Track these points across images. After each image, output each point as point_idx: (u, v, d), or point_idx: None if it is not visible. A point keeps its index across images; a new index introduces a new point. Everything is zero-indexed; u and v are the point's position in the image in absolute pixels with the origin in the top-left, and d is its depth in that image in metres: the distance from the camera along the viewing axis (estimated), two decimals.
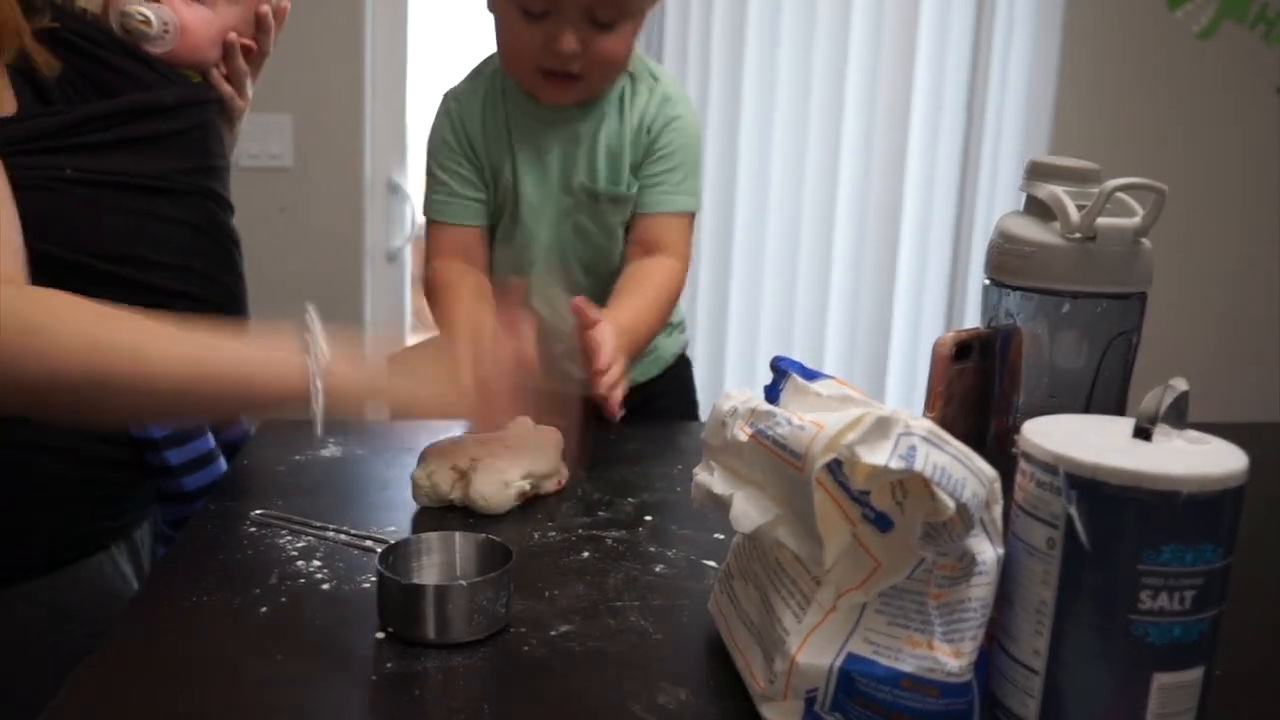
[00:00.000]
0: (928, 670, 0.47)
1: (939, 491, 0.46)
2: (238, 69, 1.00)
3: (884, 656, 0.48)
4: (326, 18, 2.17)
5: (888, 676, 0.48)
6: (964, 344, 0.66)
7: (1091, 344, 0.63)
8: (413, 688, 0.55)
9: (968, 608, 0.48)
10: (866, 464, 0.47)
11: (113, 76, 0.89)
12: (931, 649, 0.48)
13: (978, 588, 0.48)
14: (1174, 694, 0.46)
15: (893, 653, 0.48)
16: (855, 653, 0.49)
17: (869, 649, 0.49)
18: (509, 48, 1.01)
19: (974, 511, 0.46)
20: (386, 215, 2.36)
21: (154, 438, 0.91)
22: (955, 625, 0.48)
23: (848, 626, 0.50)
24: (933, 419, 0.65)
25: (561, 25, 0.95)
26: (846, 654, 0.49)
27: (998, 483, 0.48)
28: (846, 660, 0.49)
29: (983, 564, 0.48)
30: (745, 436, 0.54)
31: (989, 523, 0.48)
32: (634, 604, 0.65)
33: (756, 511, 0.53)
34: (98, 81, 0.88)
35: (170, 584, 0.66)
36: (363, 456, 0.92)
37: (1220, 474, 0.44)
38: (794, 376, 0.56)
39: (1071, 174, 0.64)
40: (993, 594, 0.48)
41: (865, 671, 0.49)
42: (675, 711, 0.53)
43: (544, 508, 0.82)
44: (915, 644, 0.48)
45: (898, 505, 0.49)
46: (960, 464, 0.47)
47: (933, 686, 0.47)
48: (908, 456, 0.46)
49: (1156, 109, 2.47)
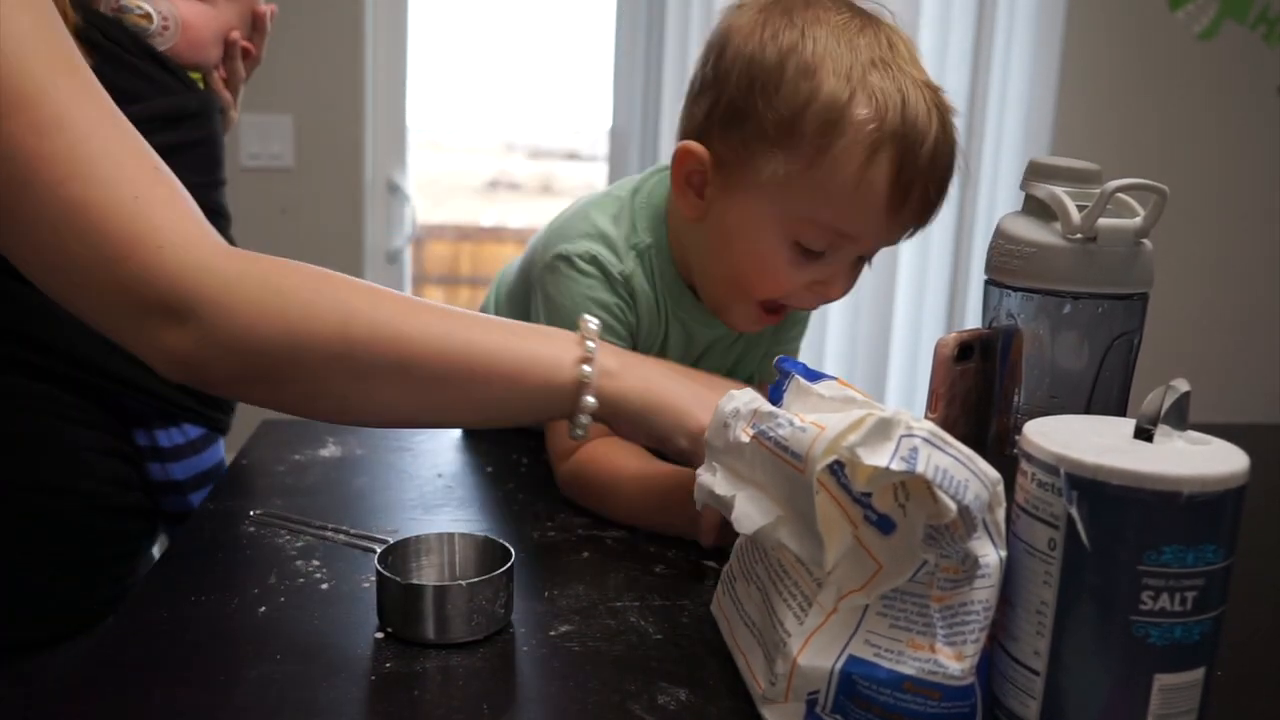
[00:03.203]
0: (929, 673, 0.47)
1: (940, 494, 0.45)
2: (236, 71, 0.97)
3: (885, 659, 0.48)
4: (326, 18, 2.17)
5: (889, 679, 0.48)
6: (966, 344, 0.66)
7: (1092, 345, 0.63)
8: (412, 688, 0.55)
9: (970, 610, 0.48)
10: (868, 466, 0.46)
11: (135, 80, 0.87)
12: (934, 652, 0.47)
13: (980, 590, 0.48)
14: (1175, 695, 0.46)
15: (894, 655, 0.48)
16: (857, 655, 0.49)
17: (870, 651, 0.49)
18: (752, 277, 0.83)
19: (976, 514, 0.46)
20: (386, 215, 2.36)
21: (177, 479, 0.91)
22: (957, 628, 0.48)
23: (849, 629, 0.50)
24: (934, 420, 0.65)
25: (839, 267, 0.82)
26: (848, 656, 0.49)
27: (1001, 485, 0.48)
28: (848, 662, 0.49)
29: (986, 566, 0.47)
30: (747, 438, 0.53)
31: (992, 525, 0.48)
32: (634, 604, 0.65)
33: (758, 513, 0.53)
34: (118, 84, 0.87)
35: (169, 583, 0.66)
36: (363, 456, 0.92)
37: (1221, 475, 0.44)
38: (797, 377, 0.56)
39: (1072, 174, 0.64)
40: (995, 597, 0.48)
41: (866, 674, 0.48)
42: (675, 711, 0.53)
43: (544, 507, 0.82)
44: (917, 646, 0.48)
45: (900, 507, 0.48)
46: (963, 466, 0.47)
47: (935, 689, 0.47)
48: (909, 458, 0.46)
49: (1157, 109, 2.47)
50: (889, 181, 0.76)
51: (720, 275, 0.85)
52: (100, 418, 0.87)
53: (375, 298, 0.64)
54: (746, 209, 0.80)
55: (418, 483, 0.87)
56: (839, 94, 0.75)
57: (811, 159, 0.76)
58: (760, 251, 0.81)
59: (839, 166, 0.76)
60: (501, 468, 0.91)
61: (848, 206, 0.77)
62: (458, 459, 0.93)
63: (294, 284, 0.62)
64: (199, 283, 0.59)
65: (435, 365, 0.64)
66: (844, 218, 0.78)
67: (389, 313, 0.63)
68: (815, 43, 0.77)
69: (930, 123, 0.76)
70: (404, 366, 0.63)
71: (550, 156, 4.21)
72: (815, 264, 0.81)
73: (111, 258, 0.58)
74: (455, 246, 4.03)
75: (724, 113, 0.80)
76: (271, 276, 0.62)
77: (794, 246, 0.80)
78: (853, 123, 0.75)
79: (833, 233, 0.79)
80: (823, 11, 0.79)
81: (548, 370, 0.67)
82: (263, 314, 0.60)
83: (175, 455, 0.93)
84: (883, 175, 0.76)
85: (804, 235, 0.79)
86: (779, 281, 0.82)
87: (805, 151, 0.76)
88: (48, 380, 0.84)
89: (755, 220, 0.80)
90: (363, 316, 0.62)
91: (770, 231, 0.80)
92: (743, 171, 0.79)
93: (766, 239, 0.80)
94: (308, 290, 0.62)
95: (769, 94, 0.77)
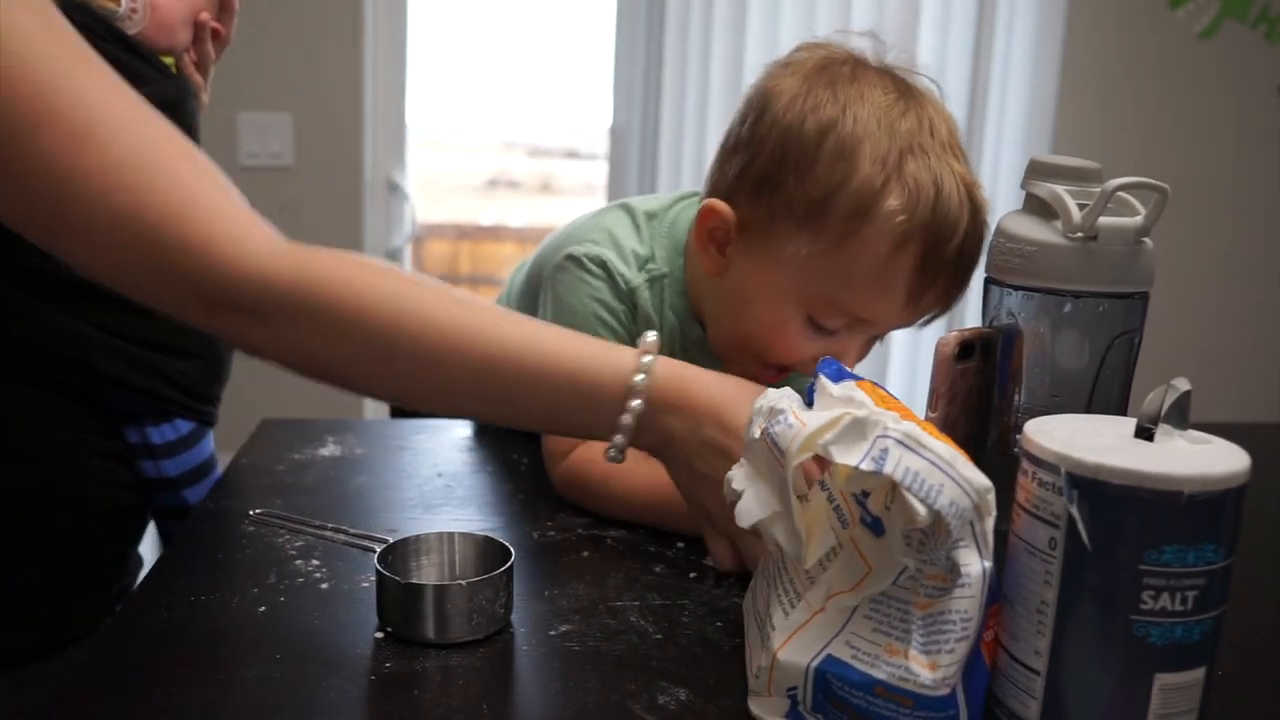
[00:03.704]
0: (900, 679, 0.47)
1: (910, 497, 0.45)
2: (206, 54, 0.94)
3: (861, 662, 0.48)
4: (326, 17, 2.17)
5: (861, 682, 0.48)
6: (967, 343, 0.66)
7: (1093, 344, 0.63)
8: (412, 687, 0.55)
9: (948, 620, 0.47)
10: (840, 464, 0.47)
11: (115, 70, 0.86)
12: (907, 658, 0.47)
13: (960, 600, 0.47)
14: (1175, 694, 0.46)
15: (870, 659, 0.48)
16: (834, 655, 0.49)
17: (849, 653, 0.49)
18: (764, 342, 0.82)
19: (951, 520, 0.45)
20: (386, 214, 2.36)
21: (169, 476, 0.91)
22: (934, 637, 0.47)
23: (834, 629, 0.50)
24: (934, 419, 0.65)
25: (853, 342, 0.81)
26: (825, 655, 0.49)
27: (991, 494, 0.47)
28: (824, 661, 0.49)
29: (967, 576, 0.46)
30: (758, 434, 0.54)
31: (980, 535, 0.47)
32: (634, 604, 0.65)
33: (758, 507, 0.53)
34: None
35: (168, 583, 0.66)
36: (362, 456, 0.92)
37: (1222, 474, 0.44)
38: (822, 378, 0.56)
39: (1073, 173, 0.64)
40: (977, 608, 0.47)
41: (840, 675, 0.48)
42: (675, 711, 0.53)
43: (544, 507, 0.82)
44: (893, 652, 0.47)
45: (887, 510, 0.48)
46: (939, 470, 0.46)
47: (906, 696, 0.47)
48: (880, 459, 0.46)
49: (1158, 108, 2.47)
50: (913, 272, 0.75)
51: (732, 333, 0.84)
52: (87, 418, 0.87)
53: (425, 295, 0.65)
54: (766, 278, 0.79)
55: (418, 482, 0.87)
56: (873, 181, 0.74)
57: (836, 243, 0.75)
58: (775, 320, 0.80)
59: (864, 253, 0.75)
60: (501, 468, 0.91)
61: (868, 293, 0.77)
62: (458, 459, 0.93)
63: (354, 274, 0.63)
64: (259, 285, 0.61)
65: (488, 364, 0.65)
66: (863, 303, 0.77)
67: (432, 309, 0.65)
68: (855, 123, 0.75)
69: (961, 217, 0.75)
70: (459, 363, 0.64)
71: (550, 155, 4.21)
72: (828, 338, 0.80)
73: (171, 260, 0.59)
74: (455, 245, 4.03)
75: (755, 178, 0.78)
76: (323, 283, 0.63)
77: (808, 320, 0.79)
78: (883, 212, 0.73)
79: (850, 315, 0.78)
80: (867, 88, 0.77)
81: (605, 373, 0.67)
82: (315, 324, 0.62)
83: (168, 451, 0.92)
84: (907, 266, 0.75)
85: (820, 313, 0.78)
86: (790, 351, 0.81)
87: (831, 235, 0.75)
88: (28, 383, 0.83)
89: (773, 290, 0.79)
90: (411, 320, 0.64)
91: (787, 304, 0.79)
92: (766, 241, 0.79)
93: (782, 310, 0.79)
94: (368, 278, 0.64)
95: (802, 171, 0.75)
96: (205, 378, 0.95)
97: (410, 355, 0.64)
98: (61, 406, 0.85)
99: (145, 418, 0.91)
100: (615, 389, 0.66)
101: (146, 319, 0.89)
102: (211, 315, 0.62)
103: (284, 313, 0.62)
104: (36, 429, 0.84)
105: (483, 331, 0.65)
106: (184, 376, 0.92)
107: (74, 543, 0.85)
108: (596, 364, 0.67)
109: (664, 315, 0.88)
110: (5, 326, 0.83)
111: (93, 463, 0.86)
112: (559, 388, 0.66)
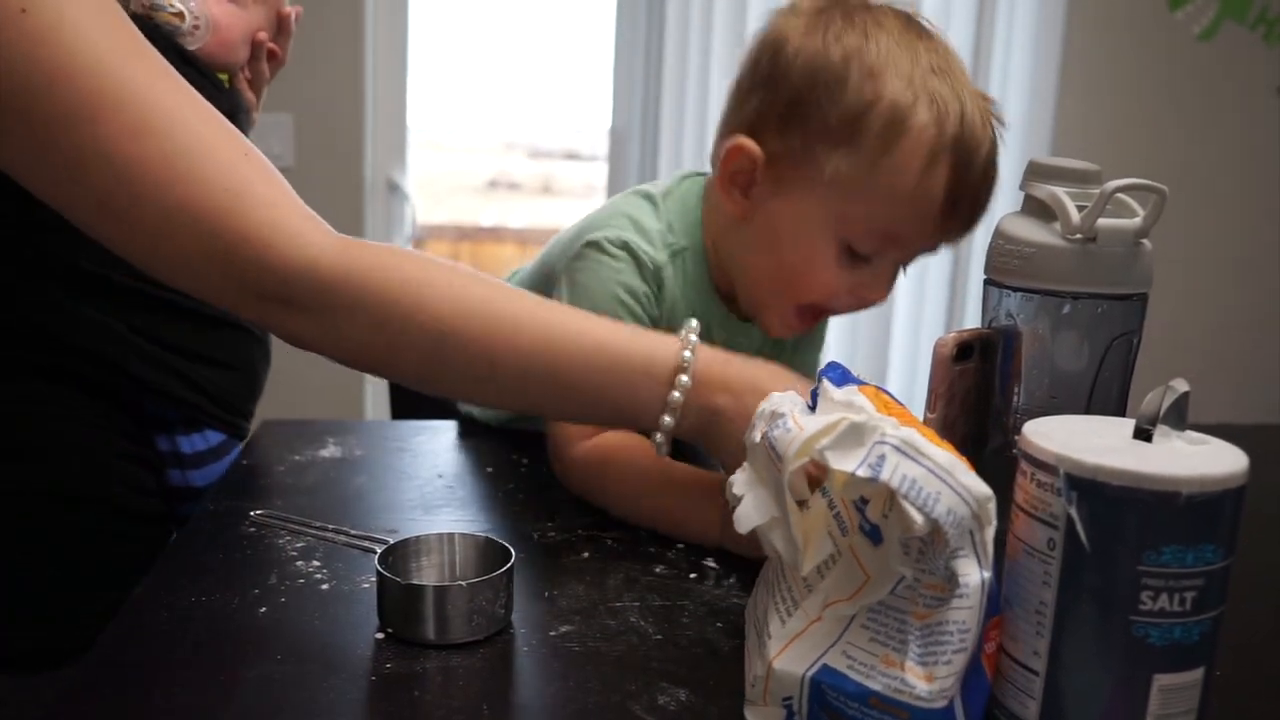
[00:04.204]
0: (895, 690, 0.46)
1: (906, 504, 0.45)
2: (261, 73, 0.96)
3: (856, 672, 0.47)
4: (326, 18, 2.17)
5: (856, 693, 0.47)
6: (965, 344, 0.66)
7: (1092, 345, 0.63)
8: (412, 688, 0.55)
9: (945, 631, 0.46)
10: (836, 470, 0.46)
11: None
12: (903, 669, 0.46)
13: (957, 611, 0.46)
14: (1174, 695, 0.46)
15: (866, 669, 0.47)
16: (830, 665, 0.48)
17: (845, 663, 0.48)
18: (798, 278, 0.82)
19: (949, 529, 0.45)
20: (386, 215, 2.36)
21: (196, 486, 0.91)
22: (931, 648, 0.46)
23: (830, 638, 0.49)
24: (933, 420, 0.65)
25: (881, 272, 0.83)
26: (821, 665, 0.49)
27: (991, 503, 0.46)
28: (820, 671, 0.48)
29: (965, 587, 0.46)
30: (758, 438, 0.54)
31: (979, 544, 0.46)
32: (634, 604, 0.65)
33: (757, 513, 0.53)
34: None
35: (169, 583, 0.66)
36: (363, 457, 0.92)
37: (1221, 475, 0.44)
38: (824, 382, 0.56)
39: (1072, 174, 0.64)
40: (975, 619, 0.46)
41: (835, 685, 0.48)
42: (675, 711, 0.53)
43: (544, 507, 0.82)
44: (890, 663, 0.47)
45: (885, 518, 0.48)
46: (936, 478, 0.45)
47: (901, 708, 0.46)
48: (876, 466, 0.45)
49: (1157, 109, 2.47)
50: (945, 187, 0.77)
51: (763, 275, 0.85)
52: (119, 421, 0.87)
53: (473, 285, 0.66)
54: (799, 208, 0.81)
55: (418, 483, 0.87)
56: (903, 97, 0.76)
57: (874, 160, 0.77)
58: (809, 252, 0.81)
59: (900, 169, 0.77)
60: (501, 468, 0.91)
61: (904, 210, 0.78)
62: (458, 459, 0.93)
63: (400, 280, 0.64)
64: (312, 278, 0.62)
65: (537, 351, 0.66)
66: (898, 221, 0.79)
67: (483, 298, 0.66)
68: (879, 46, 0.78)
69: (985, 135, 0.78)
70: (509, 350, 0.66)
71: (550, 156, 4.20)
72: (860, 268, 0.81)
73: (225, 251, 0.60)
74: (455, 246, 4.03)
75: (783, 110, 0.80)
76: (375, 275, 0.63)
77: (842, 248, 0.80)
78: (915, 126, 0.76)
79: (883, 236, 0.80)
80: (883, 17, 0.80)
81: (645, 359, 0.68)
82: (369, 315, 0.63)
83: (196, 462, 0.92)
84: (940, 181, 0.77)
85: (855, 237, 0.80)
86: (825, 283, 0.82)
87: (868, 152, 0.77)
88: (63, 383, 0.84)
89: (807, 220, 0.80)
90: (462, 311, 0.65)
91: (821, 232, 0.80)
92: (799, 169, 0.80)
93: (817, 239, 0.80)
94: (413, 277, 0.64)
95: (833, 92, 0.77)
96: (239, 390, 0.96)
97: (461, 345, 0.65)
98: (87, 405, 0.85)
99: (177, 426, 0.91)
100: (663, 368, 0.68)
101: (185, 327, 0.89)
102: (260, 305, 0.63)
103: (336, 305, 0.63)
104: (60, 428, 0.84)
105: (531, 318, 0.67)
106: (217, 387, 0.93)
107: (82, 542, 0.85)
108: (645, 345, 0.69)
109: (685, 292, 0.88)
110: (37, 323, 0.83)
111: (113, 463, 0.86)
112: (608, 369, 0.68)
